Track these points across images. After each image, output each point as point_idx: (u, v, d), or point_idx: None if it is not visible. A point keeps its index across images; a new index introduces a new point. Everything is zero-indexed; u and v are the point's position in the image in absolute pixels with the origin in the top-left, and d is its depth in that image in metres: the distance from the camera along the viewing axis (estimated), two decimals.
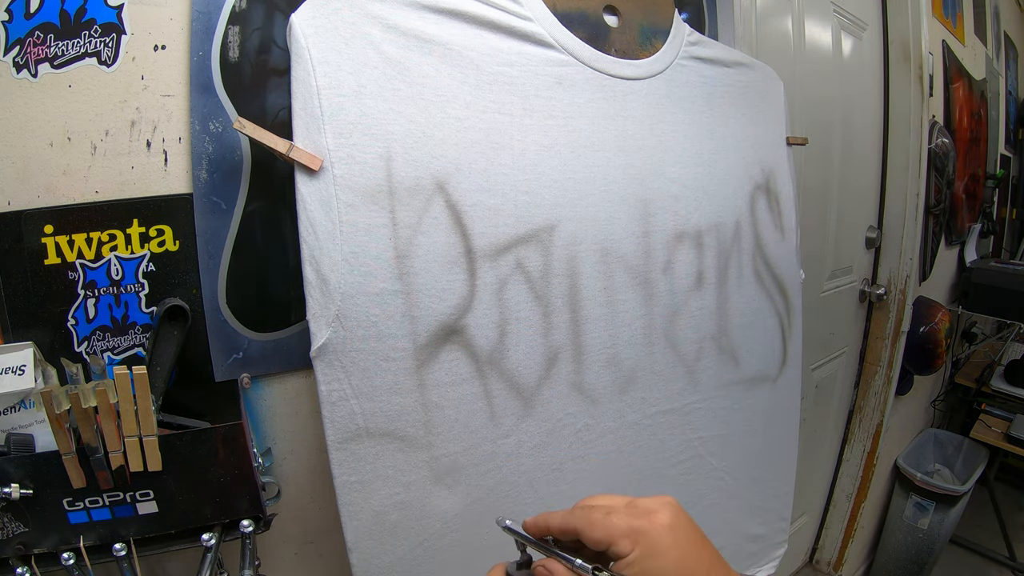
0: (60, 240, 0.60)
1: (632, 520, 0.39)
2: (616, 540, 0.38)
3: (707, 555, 0.40)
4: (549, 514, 0.42)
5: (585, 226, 0.72)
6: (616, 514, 0.39)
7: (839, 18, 1.47)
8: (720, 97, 0.87)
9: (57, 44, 0.58)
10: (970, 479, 1.95)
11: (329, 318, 0.57)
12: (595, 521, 0.39)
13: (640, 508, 0.40)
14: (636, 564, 0.37)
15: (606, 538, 0.38)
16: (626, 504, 0.40)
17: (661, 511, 0.39)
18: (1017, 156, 2.81)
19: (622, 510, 0.40)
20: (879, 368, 1.77)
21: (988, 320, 2.36)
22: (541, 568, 0.41)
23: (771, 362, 0.98)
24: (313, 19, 0.56)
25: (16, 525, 0.56)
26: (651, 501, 0.40)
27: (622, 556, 0.38)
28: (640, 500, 0.41)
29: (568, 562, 0.40)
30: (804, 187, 1.34)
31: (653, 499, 0.40)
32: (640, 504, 0.40)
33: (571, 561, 0.40)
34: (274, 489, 0.71)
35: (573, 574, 0.40)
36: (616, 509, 0.40)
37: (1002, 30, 2.57)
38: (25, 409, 0.57)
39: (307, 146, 0.56)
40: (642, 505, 0.40)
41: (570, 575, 0.40)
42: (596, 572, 0.39)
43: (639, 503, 0.40)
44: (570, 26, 0.71)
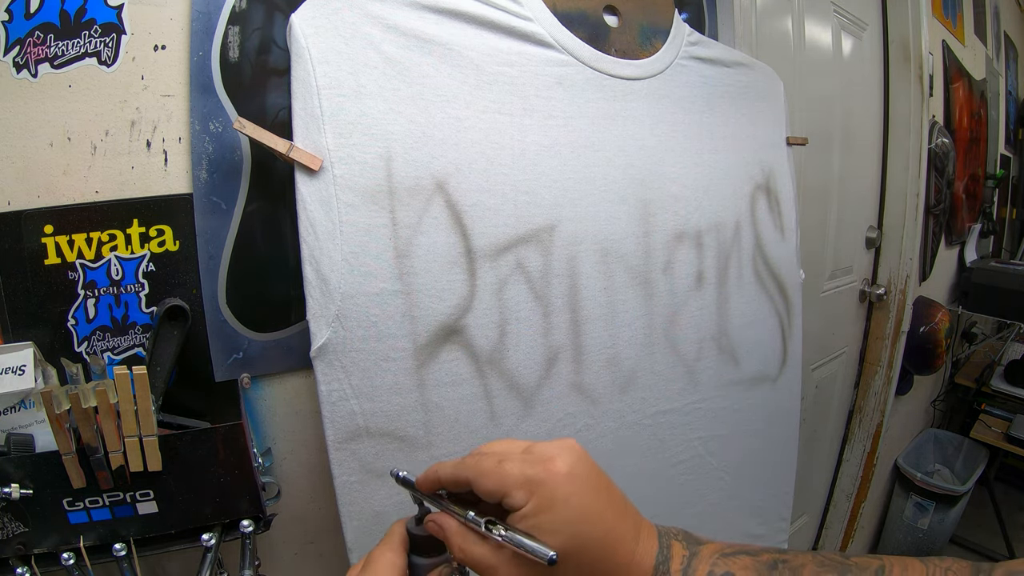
0: (60, 240, 0.60)
1: (527, 468, 0.35)
2: (510, 491, 0.34)
3: (612, 503, 0.36)
4: (439, 464, 0.38)
5: (585, 226, 0.72)
6: (510, 462, 0.35)
7: (839, 18, 1.47)
8: (720, 97, 0.87)
9: (57, 44, 0.58)
10: (970, 479, 1.95)
11: (329, 318, 0.57)
12: (486, 470, 0.35)
13: (536, 454, 0.36)
14: (531, 517, 0.34)
15: (499, 489, 0.35)
16: (522, 450, 0.37)
17: (559, 457, 0.35)
18: (1017, 156, 2.81)
19: (517, 457, 0.36)
20: (879, 368, 1.77)
21: (988, 320, 2.36)
22: (433, 523, 0.38)
23: (771, 362, 0.98)
24: (313, 19, 0.56)
25: (16, 525, 0.56)
26: (549, 446, 0.36)
27: (517, 508, 0.34)
28: (537, 445, 0.37)
29: (459, 516, 0.37)
30: (804, 187, 1.34)
31: (552, 443, 0.37)
32: (537, 450, 0.36)
33: (462, 515, 0.36)
34: (274, 489, 0.71)
35: (466, 529, 0.36)
36: (510, 456, 0.36)
37: (1002, 30, 2.57)
38: (25, 409, 0.57)
39: (307, 146, 0.56)
40: (539, 451, 0.36)
41: (462, 531, 0.36)
42: (489, 526, 0.35)
43: (536, 448, 0.36)
44: (570, 26, 0.71)
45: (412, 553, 0.39)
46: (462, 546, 0.36)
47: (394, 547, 0.38)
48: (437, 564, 0.39)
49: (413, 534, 0.39)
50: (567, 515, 0.34)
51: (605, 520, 0.35)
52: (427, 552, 0.39)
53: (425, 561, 0.39)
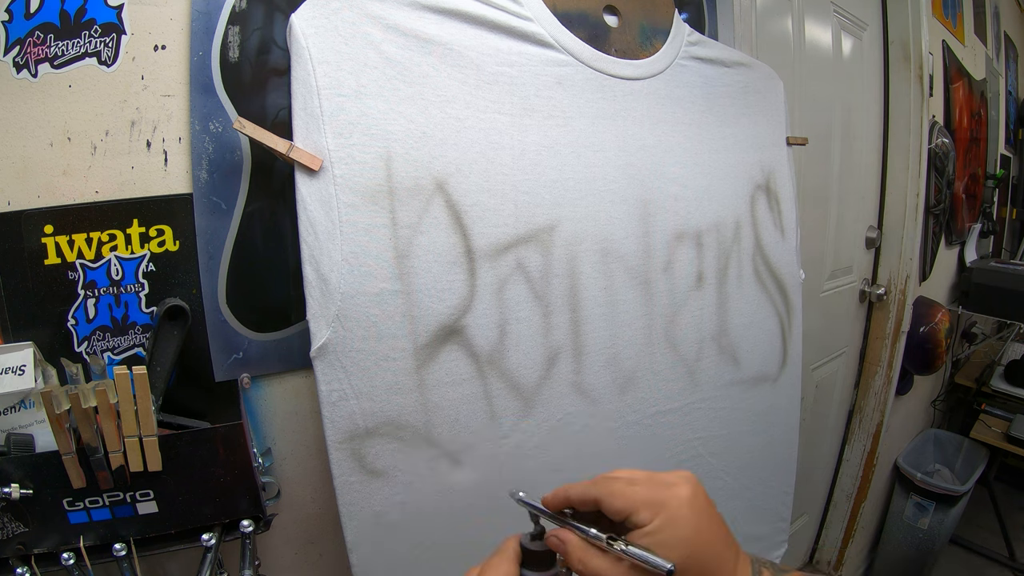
0: (60, 240, 0.60)
1: (653, 491, 0.39)
2: (637, 510, 0.39)
3: (722, 531, 0.41)
4: (569, 485, 0.43)
5: (585, 226, 0.72)
6: (637, 485, 0.40)
7: (839, 18, 1.47)
8: (720, 97, 0.87)
9: (57, 44, 0.58)
10: (970, 479, 1.95)
11: (329, 318, 0.57)
12: (616, 491, 0.40)
13: (660, 480, 0.40)
14: (655, 534, 0.38)
15: (627, 507, 0.39)
16: (647, 477, 0.41)
17: (681, 484, 0.40)
18: (1017, 156, 2.81)
19: (643, 481, 0.40)
20: (879, 368, 1.77)
21: (988, 320, 2.36)
22: (554, 538, 0.42)
23: (771, 362, 0.98)
24: (313, 19, 0.56)
25: (16, 525, 0.56)
26: (671, 475, 0.41)
27: (641, 526, 0.38)
28: (660, 474, 0.42)
29: (581, 531, 0.40)
30: (804, 187, 1.34)
31: (673, 473, 0.41)
32: (660, 477, 0.41)
33: (585, 531, 0.40)
34: (274, 489, 0.71)
35: (587, 544, 0.40)
36: (637, 480, 0.40)
37: (1002, 30, 2.57)
38: (25, 409, 0.57)
39: (307, 146, 0.56)
40: (662, 478, 0.41)
41: (584, 545, 0.40)
42: (611, 541, 0.39)
43: (659, 476, 0.41)
44: (570, 26, 0.71)
45: (523, 567, 0.42)
46: (582, 558, 0.40)
47: (509, 558, 0.42)
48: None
49: (527, 548, 0.43)
50: (685, 535, 0.38)
51: (715, 545, 0.40)
52: (538, 567, 0.43)
53: (535, 574, 0.42)
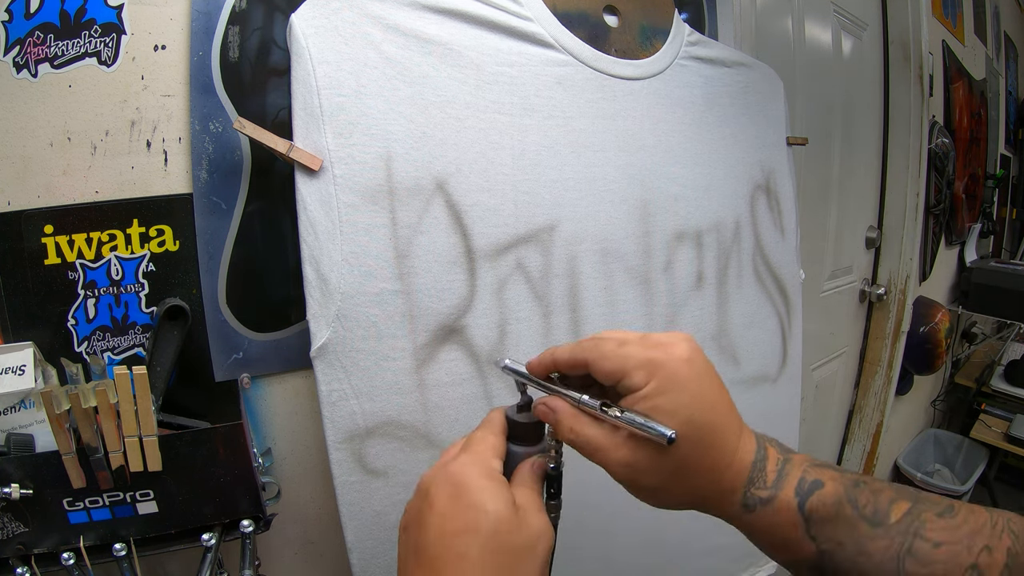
0: (60, 240, 0.60)
1: (648, 351, 0.35)
2: (630, 372, 0.35)
3: (724, 395, 0.37)
4: (555, 348, 0.39)
5: (585, 226, 0.72)
6: (630, 345, 0.36)
7: (839, 18, 1.47)
8: (720, 97, 0.87)
9: (57, 44, 0.58)
10: (970, 479, 1.95)
11: (329, 318, 0.57)
12: (607, 352, 0.36)
13: (655, 340, 0.36)
14: (651, 398, 0.34)
15: (619, 369, 0.35)
16: (639, 337, 0.37)
17: (678, 343, 0.36)
18: (1017, 156, 2.82)
19: (636, 341, 0.36)
20: (879, 368, 1.77)
21: (988, 320, 2.36)
22: (542, 406, 0.38)
23: (771, 362, 0.98)
24: (313, 19, 0.56)
25: (16, 525, 0.56)
26: (666, 335, 0.37)
27: (635, 389, 0.35)
28: (654, 334, 0.37)
29: (572, 399, 0.37)
30: (804, 187, 1.34)
31: (668, 333, 0.37)
32: (655, 337, 0.37)
33: (576, 398, 0.37)
34: (274, 489, 0.71)
35: (578, 412, 0.37)
36: (629, 340, 0.37)
37: (1002, 30, 2.58)
38: (25, 409, 0.57)
39: (307, 146, 0.56)
40: (656, 338, 0.37)
41: (575, 412, 0.37)
42: (604, 408, 0.35)
43: (653, 336, 0.37)
44: (570, 26, 0.71)
45: (509, 440, 0.39)
46: (573, 427, 0.36)
47: (495, 431, 0.39)
48: (533, 452, 0.39)
49: (513, 420, 0.39)
50: (685, 398, 0.34)
51: (717, 409, 0.36)
52: (524, 440, 0.39)
53: (522, 449, 0.39)
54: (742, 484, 0.36)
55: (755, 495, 0.36)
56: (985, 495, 2.13)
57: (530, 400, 0.40)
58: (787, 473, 0.37)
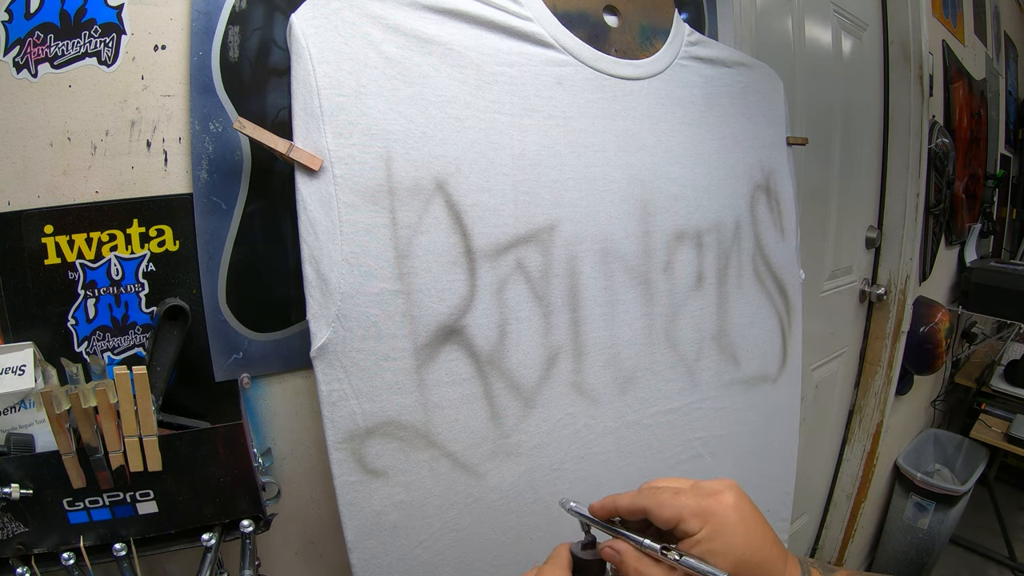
0: (60, 240, 0.60)
1: (700, 500, 0.40)
2: (685, 519, 0.40)
3: (769, 534, 0.41)
4: (616, 496, 0.44)
5: (585, 226, 0.72)
6: (684, 494, 0.41)
7: (839, 18, 1.47)
8: (720, 97, 0.87)
9: (57, 44, 0.58)
10: (970, 479, 1.95)
11: (329, 318, 0.57)
12: (664, 501, 0.41)
13: (706, 489, 0.41)
14: (704, 542, 0.39)
15: (675, 517, 0.40)
16: (691, 486, 0.42)
17: (726, 492, 0.41)
18: (1017, 156, 2.82)
19: (689, 491, 0.41)
20: (879, 368, 1.77)
21: (988, 320, 2.36)
22: (609, 549, 0.42)
23: (771, 362, 0.98)
24: (313, 19, 0.56)
25: (16, 525, 0.56)
26: (715, 483, 0.42)
27: (690, 535, 0.39)
28: (704, 482, 0.43)
29: (636, 542, 0.41)
30: (804, 187, 1.34)
31: (717, 481, 0.42)
32: (705, 486, 0.42)
33: (639, 541, 0.41)
34: (274, 489, 0.71)
35: (641, 554, 0.41)
36: (683, 490, 0.42)
37: (1002, 30, 2.57)
38: (25, 409, 0.57)
39: (307, 146, 0.56)
40: (707, 486, 0.42)
41: (638, 555, 0.41)
42: (665, 551, 0.39)
43: (703, 485, 0.42)
44: (570, 26, 0.71)
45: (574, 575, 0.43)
46: (638, 568, 0.41)
47: (562, 567, 0.43)
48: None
49: (578, 557, 0.44)
50: (735, 541, 0.39)
51: (764, 549, 0.41)
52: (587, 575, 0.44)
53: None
54: None
55: None
56: (985, 495, 2.13)
57: (594, 540, 0.45)
58: None
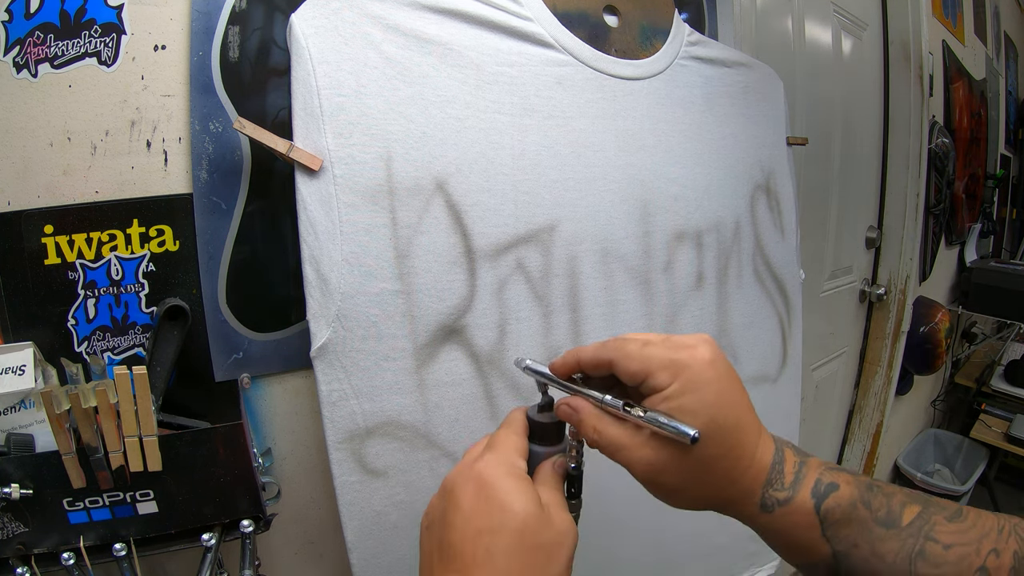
0: (60, 240, 0.60)
1: (672, 352, 0.36)
2: (654, 372, 0.36)
3: (744, 398, 0.38)
4: (579, 349, 0.40)
5: (585, 226, 0.72)
6: (654, 346, 0.37)
7: (839, 18, 1.47)
8: (720, 97, 0.87)
9: (57, 44, 0.58)
10: (970, 479, 1.95)
11: (329, 318, 0.57)
12: (631, 352, 0.37)
13: (678, 342, 0.37)
14: (674, 398, 0.35)
15: (643, 369, 0.36)
16: (662, 338, 0.38)
17: (700, 346, 0.37)
18: (1017, 156, 2.82)
19: (659, 343, 0.37)
20: (879, 368, 1.77)
21: (988, 320, 2.36)
22: (565, 406, 0.39)
23: (771, 362, 0.98)
24: (313, 19, 0.56)
25: (16, 525, 0.56)
26: (688, 337, 0.38)
27: (659, 389, 0.35)
28: (676, 336, 0.38)
29: (595, 399, 0.37)
30: (804, 187, 1.34)
31: (690, 335, 0.38)
32: (677, 339, 0.38)
33: (599, 398, 0.37)
34: (274, 489, 0.71)
35: (601, 412, 0.37)
36: (653, 342, 0.37)
37: (1002, 30, 2.58)
38: (25, 409, 0.57)
39: (307, 146, 0.56)
40: (680, 340, 0.37)
41: (598, 413, 0.37)
42: (627, 407, 0.36)
43: (675, 338, 0.38)
44: (570, 26, 0.71)
45: (530, 440, 0.40)
46: (597, 426, 0.37)
47: (517, 431, 0.39)
48: (553, 453, 0.40)
49: (534, 421, 0.40)
50: (708, 398, 0.35)
51: (739, 410, 0.37)
52: (545, 441, 0.40)
53: (543, 449, 0.40)
54: (760, 485, 0.37)
55: (773, 496, 0.37)
56: (985, 495, 2.13)
57: (551, 400, 0.41)
58: (804, 475, 0.37)
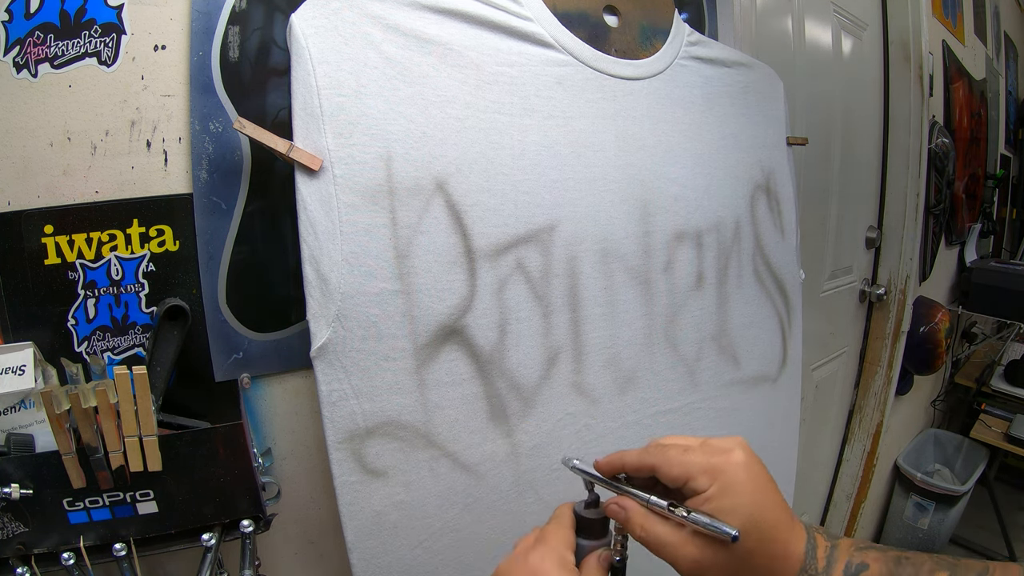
0: (60, 240, 0.60)
1: (709, 457, 0.39)
2: (694, 476, 0.39)
3: (777, 495, 0.41)
4: (623, 453, 0.43)
5: (585, 226, 0.72)
6: (693, 452, 0.40)
7: (839, 18, 1.47)
8: (720, 97, 0.87)
9: (57, 44, 0.58)
10: (970, 479, 1.95)
11: (329, 318, 0.57)
12: (672, 458, 0.40)
13: (715, 447, 0.40)
14: (713, 500, 0.38)
15: (684, 474, 0.39)
16: (700, 443, 0.41)
17: (736, 450, 0.40)
18: (1017, 156, 2.82)
19: (697, 448, 0.40)
20: (879, 368, 1.77)
21: (988, 320, 2.36)
22: (615, 506, 0.42)
23: (771, 362, 0.98)
24: (313, 19, 0.56)
25: (16, 525, 0.56)
26: (724, 441, 0.41)
27: (699, 492, 0.38)
28: (712, 440, 0.41)
29: (642, 499, 0.40)
30: (804, 187, 1.34)
31: (725, 439, 0.41)
32: (714, 443, 0.41)
33: (645, 498, 0.40)
34: (274, 489, 0.71)
35: (647, 511, 0.40)
36: (692, 447, 0.41)
37: (1002, 30, 2.58)
38: (25, 409, 0.57)
39: (307, 146, 0.56)
40: (716, 444, 0.41)
41: (644, 512, 0.40)
42: (672, 508, 0.39)
43: (712, 442, 0.41)
44: (570, 26, 0.71)
45: (576, 534, 0.42)
46: (644, 525, 0.40)
47: (566, 525, 0.42)
48: (598, 546, 0.42)
49: (581, 516, 0.42)
50: (745, 500, 0.38)
51: (772, 508, 0.39)
52: (591, 534, 0.42)
53: (588, 543, 0.42)
54: (796, 573, 0.39)
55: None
56: (985, 495, 2.13)
57: (598, 498, 0.43)
58: (836, 559, 0.40)
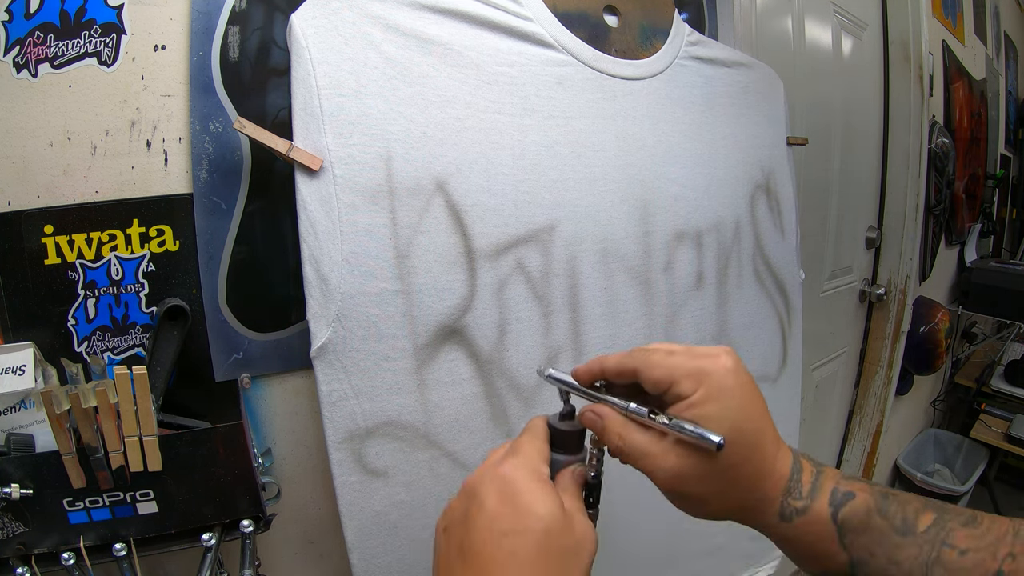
0: (60, 240, 0.60)
1: (695, 360, 0.37)
2: (678, 380, 0.36)
3: (764, 405, 0.38)
4: (603, 357, 0.40)
5: (585, 226, 0.72)
6: (678, 355, 0.37)
7: (839, 18, 1.47)
8: (720, 97, 0.87)
9: (57, 44, 0.58)
10: (970, 479, 1.95)
11: (329, 318, 0.57)
12: (655, 361, 0.37)
13: (701, 351, 0.38)
14: (698, 406, 0.35)
15: (667, 377, 0.36)
16: (685, 348, 0.38)
17: (723, 355, 0.37)
18: (1017, 156, 2.82)
19: (682, 352, 0.38)
20: (879, 368, 1.77)
21: (988, 320, 2.36)
22: (590, 413, 0.39)
23: (771, 362, 0.98)
24: (313, 19, 0.56)
25: (16, 525, 0.56)
26: (711, 347, 0.38)
27: (683, 397, 0.36)
28: (698, 347, 0.39)
29: (620, 406, 0.38)
30: (804, 187, 1.34)
31: (712, 346, 0.39)
32: (700, 348, 0.38)
33: (623, 405, 0.37)
34: (274, 489, 0.71)
35: (626, 419, 0.38)
36: (676, 351, 0.38)
37: (1002, 30, 2.58)
38: (25, 409, 0.57)
39: (307, 146, 0.56)
40: (702, 349, 0.38)
41: (622, 420, 0.38)
42: (652, 415, 0.36)
43: (698, 348, 0.38)
44: (570, 26, 0.71)
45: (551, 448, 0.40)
46: (621, 433, 0.37)
47: (540, 437, 0.39)
48: (573, 461, 0.40)
49: (556, 429, 0.40)
50: (731, 406, 0.36)
51: (760, 418, 0.37)
52: (566, 449, 0.40)
53: (563, 457, 0.40)
54: (780, 494, 0.37)
55: (792, 505, 0.37)
56: (985, 495, 2.13)
57: (573, 409, 0.41)
58: (821, 484, 0.38)
